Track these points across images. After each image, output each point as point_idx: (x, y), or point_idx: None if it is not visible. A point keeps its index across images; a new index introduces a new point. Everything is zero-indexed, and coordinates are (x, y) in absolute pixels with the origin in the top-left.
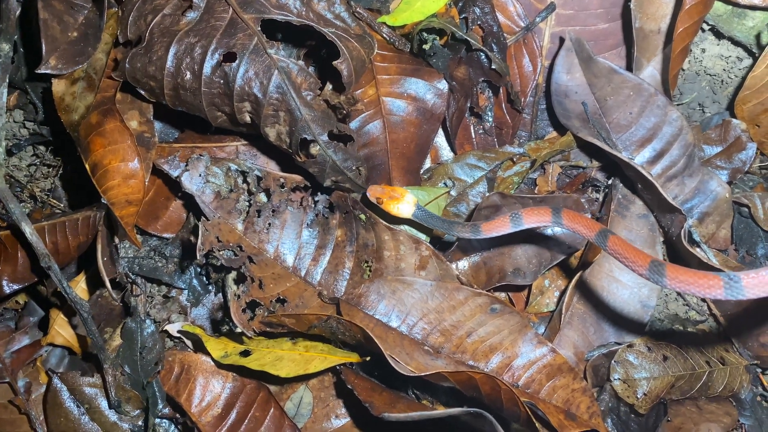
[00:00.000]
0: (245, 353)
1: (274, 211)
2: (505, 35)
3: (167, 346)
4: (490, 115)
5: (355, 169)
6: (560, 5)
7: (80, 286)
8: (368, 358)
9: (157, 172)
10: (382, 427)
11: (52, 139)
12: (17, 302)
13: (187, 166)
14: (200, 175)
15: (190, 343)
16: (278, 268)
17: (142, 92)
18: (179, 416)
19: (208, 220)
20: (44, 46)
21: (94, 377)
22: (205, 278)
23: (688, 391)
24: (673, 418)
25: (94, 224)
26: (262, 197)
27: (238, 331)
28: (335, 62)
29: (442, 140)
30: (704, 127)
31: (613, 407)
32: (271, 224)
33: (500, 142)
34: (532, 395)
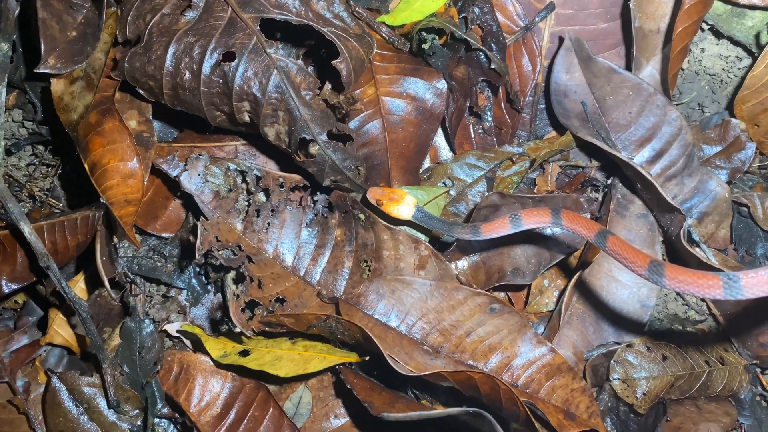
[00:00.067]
0: (244, 353)
1: (273, 210)
2: (504, 35)
3: (166, 345)
4: (489, 114)
5: (354, 168)
6: (559, 5)
7: (79, 285)
8: (367, 357)
9: (156, 171)
10: (381, 426)
11: (51, 138)
12: (16, 302)
13: (186, 165)
14: (199, 174)
15: (189, 342)
16: (277, 267)
17: (141, 92)
18: (178, 416)
19: (207, 219)
20: (43, 45)
21: (93, 377)
22: (204, 278)
23: (687, 390)
24: (672, 417)
25: (92, 224)
26: (261, 197)
27: (237, 330)
28: (334, 62)
29: (441, 140)
30: (703, 126)
31: (612, 407)
32: (270, 224)
33: (499, 141)
34: (531, 395)
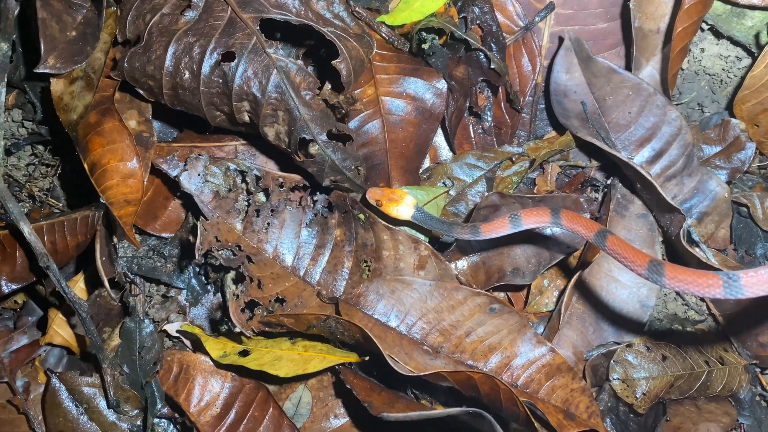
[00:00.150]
0: (244, 353)
1: (272, 210)
2: (504, 35)
3: (166, 345)
4: (489, 114)
5: (354, 168)
6: (559, 5)
7: (79, 285)
8: (367, 357)
9: (155, 171)
10: (380, 426)
11: (50, 138)
12: (16, 302)
13: (185, 165)
14: (199, 174)
15: (188, 342)
16: (277, 267)
17: (140, 92)
18: (178, 416)
19: (206, 219)
20: (43, 45)
21: (92, 377)
22: (203, 278)
23: (687, 390)
24: (672, 417)
25: (92, 224)
26: (260, 197)
27: (236, 330)
28: (334, 62)
29: (441, 140)
30: (703, 126)
31: (612, 407)
32: (269, 224)
33: (499, 141)
34: (531, 395)
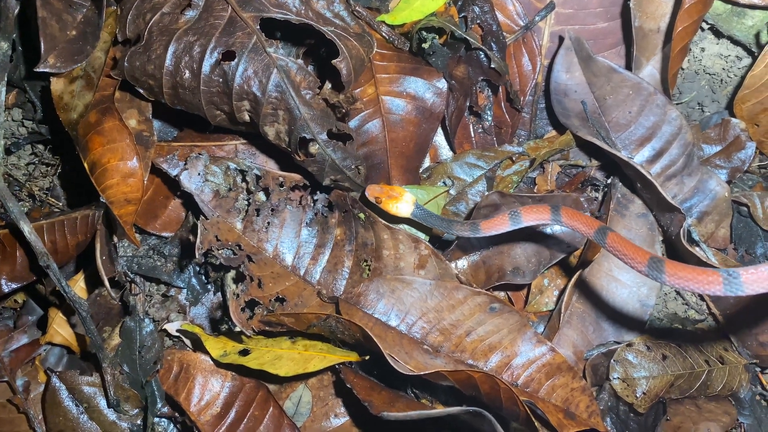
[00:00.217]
0: (244, 352)
1: (273, 210)
2: (504, 34)
3: (166, 345)
4: (489, 114)
5: (354, 167)
6: (559, 4)
7: (79, 285)
8: (367, 357)
9: (156, 170)
10: (381, 426)
11: (50, 137)
12: (16, 301)
13: (186, 164)
14: (199, 173)
15: (189, 342)
16: (277, 267)
17: (140, 91)
18: (178, 415)
19: (207, 218)
20: (43, 44)
21: (92, 376)
22: (204, 277)
23: (687, 390)
24: (672, 417)
25: (92, 223)
26: (261, 196)
27: (237, 330)
28: (334, 61)
29: (441, 139)
30: (703, 126)
31: (612, 406)
32: (270, 223)
33: (499, 141)
34: (531, 394)
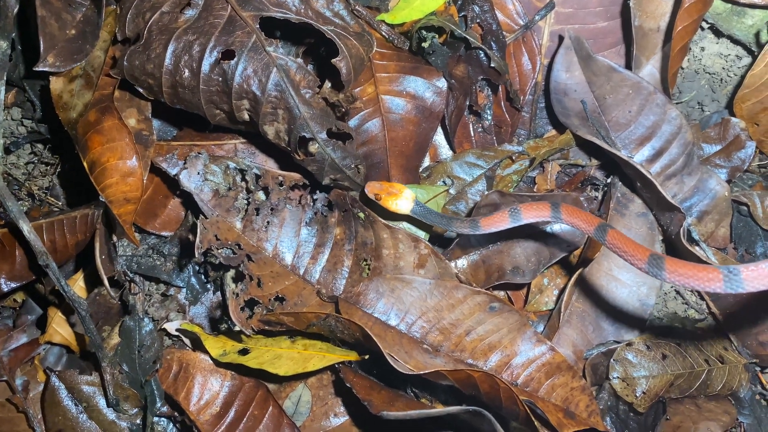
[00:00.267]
0: (244, 351)
1: (272, 209)
2: (504, 33)
3: (165, 344)
4: (489, 113)
5: (353, 167)
6: (559, 3)
7: (78, 284)
8: (367, 356)
9: (155, 170)
10: (380, 425)
11: (50, 136)
12: (15, 300)
13: (185, 164)
14: (198, 173)
15: (188, 341)
16: (277, 266)
17: (140, 90)
18: (177, 415)
19: (206, 218)
20: (42, 43)
21: (92, 375)
22: (203, 276)
23: (687, 389)
24: (672, 416)
25: (92, 222)
26: (260, 195)
27: (236, 329)
28: (334, 60)
29: (441, 138)
30: (703, 125)
31: (612, 406)
32: (269, 222)
33: (499, 140)
34: (531, 393)
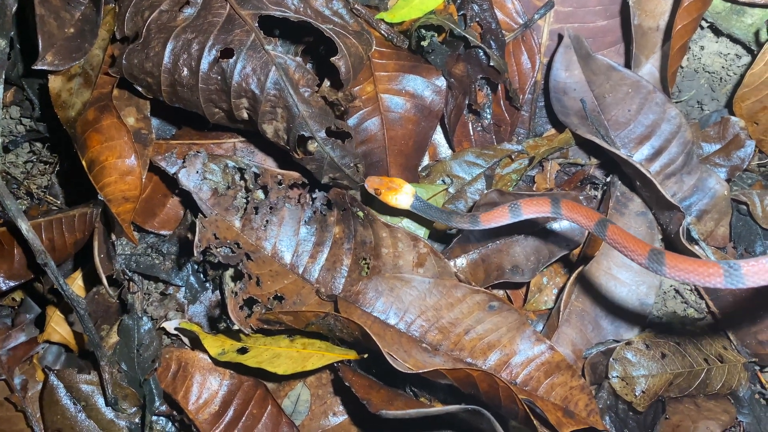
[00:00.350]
0: (242, 350)
1: (271, 208)
2: (503, 32)
3: (164, 343)
4: (488, 112)
5: (353, 165)
6: (559, 2)
7: (77, 283)
8: (366, 355)
9: (154, 168)
10: (379, 424)
11: (48, 135)
12: (14, 299)
13: (184, 162)
14: (197, 171)
15: (187, 340)
16: (276, 265)
17: (139, 88)
18: (176, 413)
19: (205, 217)
20: (41, 42)
21: (90, 374)
22: (202, 275)
23: (686, 388)
24: (671, 415)
25: (90, 221)
26: (259, 194)
27: (235, 328)
28: (333, 59)
29: (440, 137)
30: (703, 124)
31: (611, 405)
32: (268, 221)
33: (498, 139)
34: (530, 393)
